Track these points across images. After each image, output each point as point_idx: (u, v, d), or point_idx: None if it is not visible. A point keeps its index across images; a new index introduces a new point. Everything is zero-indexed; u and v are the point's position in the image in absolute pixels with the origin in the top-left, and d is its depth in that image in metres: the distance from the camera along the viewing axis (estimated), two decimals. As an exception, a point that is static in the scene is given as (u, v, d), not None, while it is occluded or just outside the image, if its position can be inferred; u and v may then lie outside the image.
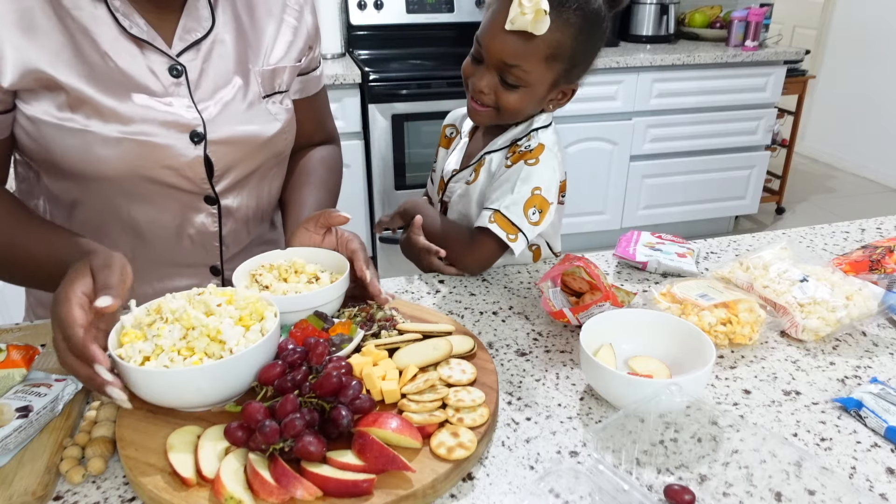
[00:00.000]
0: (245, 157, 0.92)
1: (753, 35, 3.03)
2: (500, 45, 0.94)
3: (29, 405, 0.66)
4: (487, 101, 0.99)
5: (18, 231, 0.79)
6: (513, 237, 1.00)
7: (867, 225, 1.24)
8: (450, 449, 0.63)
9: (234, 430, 0.62)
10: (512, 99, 0.98)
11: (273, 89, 0.95)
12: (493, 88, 0.98)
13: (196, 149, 0.86)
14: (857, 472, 0.65)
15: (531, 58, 0.94)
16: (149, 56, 0.83)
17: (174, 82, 0.85)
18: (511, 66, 0.95)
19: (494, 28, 0.94)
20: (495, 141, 1.08)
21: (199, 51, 0.87)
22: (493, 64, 0.96)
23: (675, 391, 0.65)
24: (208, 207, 0.92)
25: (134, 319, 0.70)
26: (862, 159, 4.43)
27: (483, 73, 0.97)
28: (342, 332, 0.77)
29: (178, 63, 0.85)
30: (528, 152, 1.03)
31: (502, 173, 1.04)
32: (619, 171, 3.09)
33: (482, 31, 0.97)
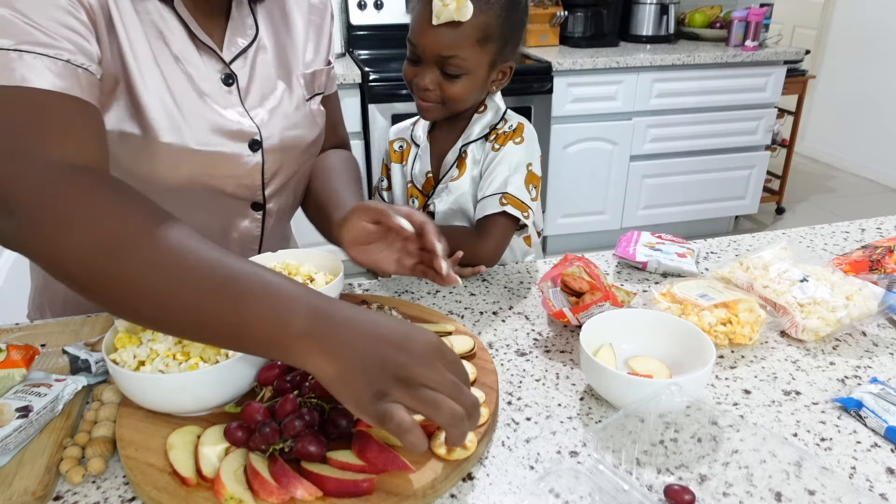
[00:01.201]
0: (292, 161, 0.93)
1: (753, 35, 3.03)
2: (432, 41, 0.97)
3: (29, 405, 0.66)
4: (433, 97, 1.02)
5: (211, 273, 0.57)
6: (525, 215, 1.04)
7: (867, 225, 1.24)
8: (450, 449, 0.63)
9: (233, 430, 0.62)
10: (456, 89, 1.01)
11: (314, 91, 0.96)
12: (437, 83, 1.01)
13: (255, 156, 0.87)
14: (857, 472, 0.65)
15: (464, 45, 0.97)
16: (207, 63, 0.82)
17: (227, 90, 0.84)
18: (448, 57, 0.98)
19: (423, 25, 0.97)
20: (469, 132, 1.10)
21: (246, 58, 0.86)
22: (431, 59, 0.99)
23: (675, 391, 0.65)
24: (254, 213, 0.93)
25: (128, 324, 0.70)
26: (862, 159, 4.43)
27: (423, 72, 1.01)
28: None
29: (232, 71, 0.84)
30: (513, 132, 1.08)
31: (493, 158, 1.07)
32: (619, 171, 3.09)
33: (412, 32, 1.00)
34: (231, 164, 0.85)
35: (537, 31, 3.08)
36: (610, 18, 3.17)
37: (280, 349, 0.56)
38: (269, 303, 0.56)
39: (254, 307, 0.55)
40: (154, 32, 0.78)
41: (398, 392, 0.54)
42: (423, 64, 1.01)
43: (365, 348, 0.54)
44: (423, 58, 1.00)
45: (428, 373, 0.54)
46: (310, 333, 0.55)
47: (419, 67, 1.02)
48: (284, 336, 0.55)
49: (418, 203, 1.15)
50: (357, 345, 0.55)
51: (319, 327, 0.55)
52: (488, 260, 1.05)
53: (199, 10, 0.81)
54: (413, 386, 0.54)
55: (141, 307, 0.58)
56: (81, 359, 0.76)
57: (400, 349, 0.55)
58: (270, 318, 0.55)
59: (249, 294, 0.56)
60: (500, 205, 1.03)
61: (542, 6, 3.07)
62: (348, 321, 0.56)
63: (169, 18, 0.78)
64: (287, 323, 0.55)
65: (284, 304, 0.56)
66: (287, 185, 0.95)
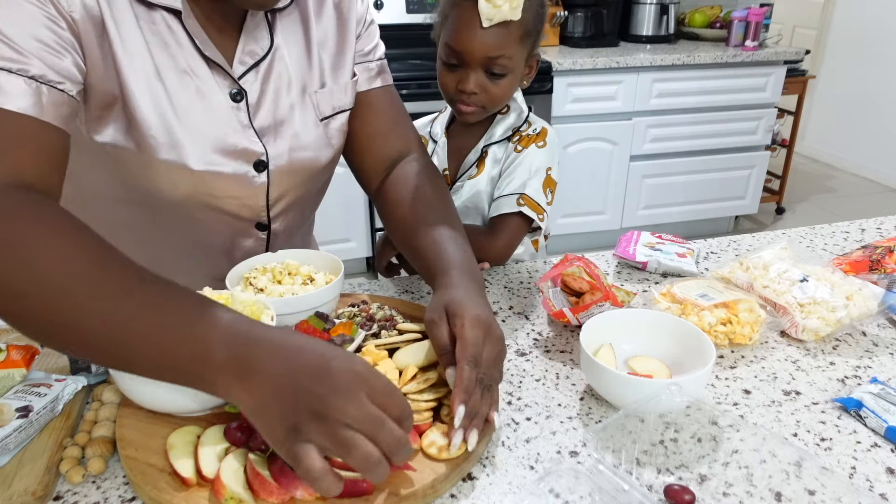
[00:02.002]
0: (300, 184, 0.89)
1: (753, 35, 3.03)
2: (480, 43, 0.97)
3: (29, 405, 0.66)
4: (479, 100, 1.02)
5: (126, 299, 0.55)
6: (541, 217, 1.07)
7: (867, 225, 1.24)
8: (440, 448, 0.63)
9: (233, 430, 0.62)
10: (500, 88, 1.02)
11: (332, 110, 0.89)
12: (482, 86, 1.01)
13: (260, 177, 0.84)
14: (857, 472, 0.65)
15: (511, 43, 0.98)
16: (216, 78, 0.78)
17: (235, 106, 0.80)
18: (495, 57, 0.98)
19: (469, 29, 0.97)
20: (492, 132, 1.10)
21: (257, 73, 0.81)
22: (477, 62, 0.99)
23: (675, 391, 0.65)
24: (258, 233, 0.90)
25: None
26: (862, 159, 4.43)
27: (467, 76, 1.00)
28: (343, 332, 0.77)
29: (241, 87, 0.80)
30: (536, 136, 1.09)
31: (514, 159, 1.08)
32: (619, 171, 3.09)
33: (454, 38, 0.98)
34: (233, 184, 0.82)
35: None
36: (610, 18, 3.17)
37: (203, 381, 0.54)
38: (188, 333, 0.53)
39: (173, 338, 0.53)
40: (160, 45, 0.74)
41: (312, 428, 0.50)
42: (464, 68, 1.00)
43: (281, 379, 0.51)
44: (469, 61, 0.99)
45: (345, 407, 0.50)
46: (230, 363, 0.52)
47: (460, 72, 1.01)
48: (206, 368, 0.53)
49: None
50: (274, 375, 0.52)
51: (240, 357, 0.53)
52: (497, 258, 1.06)
53: (212, 24, 0.77)
54: (328, 422, 0.50)
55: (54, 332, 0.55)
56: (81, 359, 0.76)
57: (318, 380, 0.51)
58: (190, 349, 0.53)
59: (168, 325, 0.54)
60: (516, 205, 1.04)
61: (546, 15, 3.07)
62: (270, 349, 0.53)
63: (177, 31, 0.75)
64: (208, 353, 0.53)
65: (205, 334, 0.53)
66: (294, 206, 0.92)
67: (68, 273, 0.55)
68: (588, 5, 3.10)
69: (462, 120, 1.09)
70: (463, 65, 1.00)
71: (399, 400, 0.54)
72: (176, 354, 0.54)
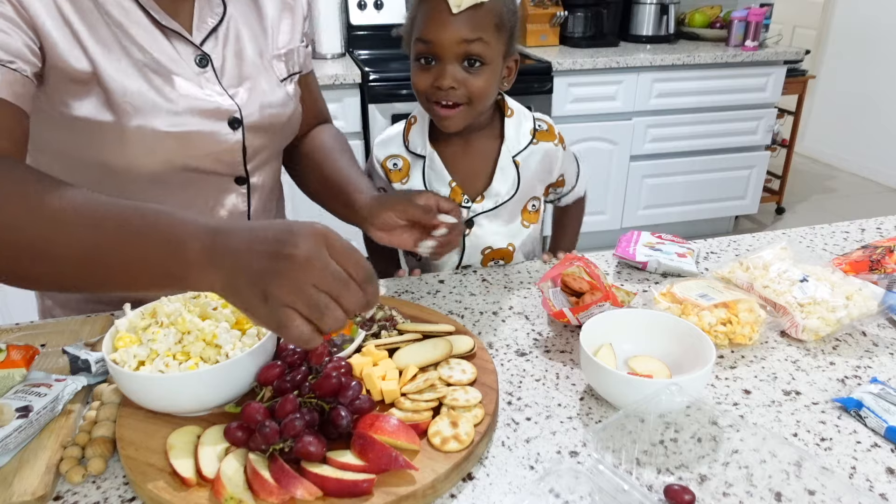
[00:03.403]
0: (272, 138, 0.95)
1: (753, 35, 3.03)
2: (452, 31, 0.94)
3: (29, 405, 0.66)
4: (458, 96, 0.97)
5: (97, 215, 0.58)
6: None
7: (867, 225, 1.24)
8: (444, 440, 0.63)
9: (233, 430, 0.62)
10: (480, 82, 0.97)
11: (289, 71, 0.96)
12: (460, 80, 0.96)
13: (235, 134, 0.88)
14: (857, 472, 0.65)
15: (485, 27, 0.95)
16: (177, 47, 0.83)
17: (201, 72, 0.85)
18: (472, 41, 0.95)
19: (440, 18, 0.94)
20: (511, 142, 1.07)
21: (217, 39, 0.87)
22: (452, 53, 0.95)
23: (675, 391, 0.65)
24: (238, 187, 0.93)
25: (128, 323, 0.70)
26: (862, 159, 4.43)
27: (443, 70, 0.96)
28: (343, 332, 0.77)
29: (204, 52, 0.85)
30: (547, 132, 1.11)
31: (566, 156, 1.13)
32: (619, 171, 3.09)
33: (425, 31, 0.96)
34: (208, 142, 0.85)
35: (537, 31, 3.08)
36: (610, 18, 3.17)
37: (176, 278, 0.55)
38: (163, 231, 0.55)
39: (147, 238, 0.55)
40: (114, 22, 0.77)
41: (282, 291, 0.51)
42: (440, 63, 0.96)
43: (246, 252, 0.53)
44: (442, 53, 0.96)
45: (308, 265, 0.51)
46: (200, 254, 0.54)
47: (435, 68, 0.97)
48: (181, 262, 0.54)
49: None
50: (240, 248, 0.53)
51: (207, 246, 0.54)
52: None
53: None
54: (295, 281, 0.51)
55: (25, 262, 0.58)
56: (81, 359, 0.76)
57: (280, 243, 0.52)
58: (165, 246, 0.55)
59: (143, 226, 0.56)
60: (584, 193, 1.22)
61: (542, 6, 3.07)
62: (236, 232, 0.55)
63: (129, 7, 0.78)
64: (182, 247, 0.54)
65: (179, 229, 0.55)
66: (269, 161, 0.97)
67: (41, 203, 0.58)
68: (588, 5, 3.10)
69: (442, 127, 1.01)
70: (437, 59, 0.96)
71: (360, 260, 0.55)
72: (148, 259, 0.55)
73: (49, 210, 0.58)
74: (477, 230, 1.09)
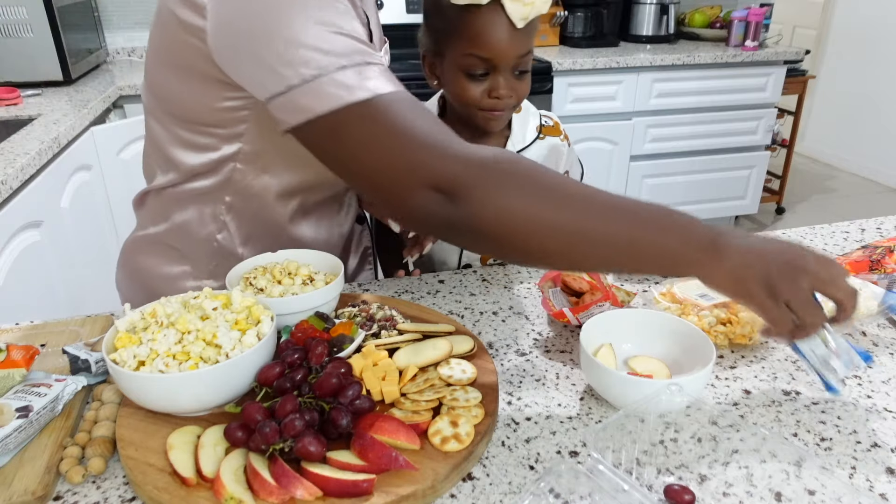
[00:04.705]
0: None
1: (753, 35, 3.03)
2: (516, 44, 0.93)
3: (29, 405, 0.66)
4: (510, 102, 0.98)
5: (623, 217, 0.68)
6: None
7: (867, 225, 1.24)
8: (444, 439, 0.63)
9: (233, 430, 0.62)
10: (526, 86, 0.99)
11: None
12: (513, 87, 0.97)
13: None
14: (857, 472, 0.65)
15: (534, 37, 0.96)
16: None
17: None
18: (526, 54, 0.96)
19: (502, 33, 0.91)
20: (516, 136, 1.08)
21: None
22: (509, 65, 0.95)
23: (675, 391, 0.65)
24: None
25: (128, 324, 0.70)
26: (862, 159, 4.43)
27: (498, 81, 0.95)
28: (343, 332, 0.77)
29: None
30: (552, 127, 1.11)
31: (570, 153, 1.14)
32: (619, 171, 3.09)
33: (485, 46, 0.92)
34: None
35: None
36: (610, 18, 3.17)
37: (685, 261, 0.65)
38: (680, 224, 0.66)
39: (670, 229, 0.65)
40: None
41: (788, 288, 0.63)
42: (495, 73, 0.95)
43: (758, 252, 0.64)
44: (501, 66, 0.94)
45: (816, 277, 0.63)
46: (711, 245, 0.64)
47: (490, 79, 0.95)
48: (695, 249, 0.64)
49: None
50: (750, 250, 0.64)
51: (717, 241, 0.64)
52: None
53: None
54: (800, 286, 0.63)
55: (578, 245, 0.66)
56: (81, 359, 0.76)
57: (800, 257, 0.64)
58: (683, 236, 0.65)
59: (665, 221, 0.66)
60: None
61: (542, 6, 3.07)
62: (738, 237, 0.65)
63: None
64: (695, 238, 0.65)
65: (690, 225, 0.66)
66: None
67: (584, 195, 0.68)
68: (588, 5, 3.10)
69: (487, 128, 1.02)
70: (492, 70, 0.95)
71: (849, 289, 0.65)
72: (669, 246, 0.65)
73: (580, 198, 0.67)
74: None
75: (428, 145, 0.65)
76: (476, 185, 0.64)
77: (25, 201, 1.53)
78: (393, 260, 1.19)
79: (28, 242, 1.54)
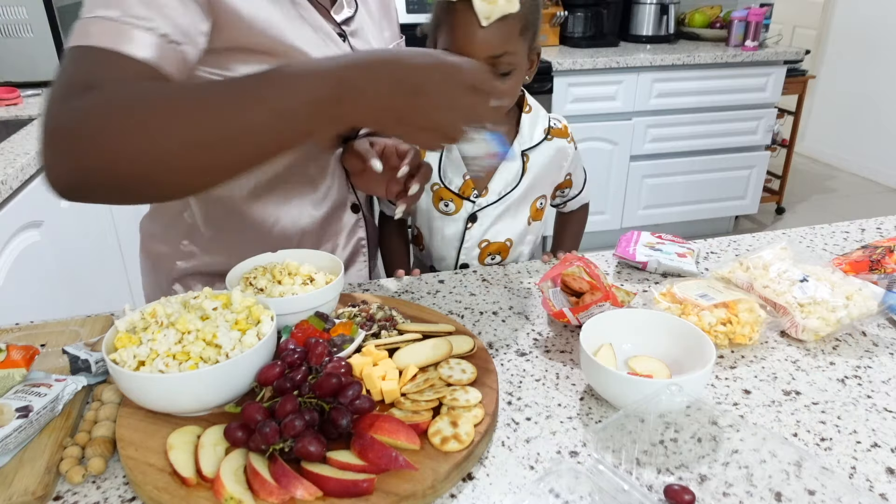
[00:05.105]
0: None
1: (753, 35, 3.03)
2: (482, 43, 0.94)
3: (29, 405, 0.66)
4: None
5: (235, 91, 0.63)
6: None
7: (867, 225, 1.24)
8: (444, 439, 0.63)
9: (233, 430, 0.62)
10: (508, 87, 0.99)
11: None
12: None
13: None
14: (857, 472, 0.65)
15: (512, 38, 0.95)
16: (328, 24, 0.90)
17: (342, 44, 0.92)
18: (499, 56, 0.95)
19: (467, 31, 0.93)
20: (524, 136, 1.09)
21: (350, 28, 0.95)
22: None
23: (675, 391, 0.65)
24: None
25: (128, 324, 0.70)
26: (862, 159, 4.43)
27: None
28: (343, 332, 0.77)
29: (343, 31, 0.93)
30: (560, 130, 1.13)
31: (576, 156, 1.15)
32: (619, 171, 3.09)
33: (454, 43, 0.95)
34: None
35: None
36: (610, 18, 3.17)
37: (317, 117, 0.62)
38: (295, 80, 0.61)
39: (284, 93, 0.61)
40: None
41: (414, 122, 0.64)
42: None
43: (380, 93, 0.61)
44: None
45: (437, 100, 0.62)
46: (333, 92, 0.61)
47: None
48: (317, 105, 0.61)
49: (454, 207, 1.11)
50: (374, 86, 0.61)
51: (339, 86, 0.61)
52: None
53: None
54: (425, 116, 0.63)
55: (179, 133, 0.60)
56: (81, 359, 0.76)
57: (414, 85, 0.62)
58: (301, 97, 0.60)
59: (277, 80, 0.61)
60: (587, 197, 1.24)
61: (542, 5, 3.07)
62: (358, 64, 0.62)
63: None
64: (312, 93, 0.61)
65: (298, 80, 0.61)
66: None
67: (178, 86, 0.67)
68: (588, 5, 3.10)
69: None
70: None
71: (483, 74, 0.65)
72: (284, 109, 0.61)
73: (181, 107, 0.61)
74: (483, 223, 1.10)
75: (53, 95, 0.63)
76: (82, 136, 0.60)
77: (25, 201, 1.53)
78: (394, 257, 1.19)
79: (28, 242, 1.54)
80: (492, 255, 1.12)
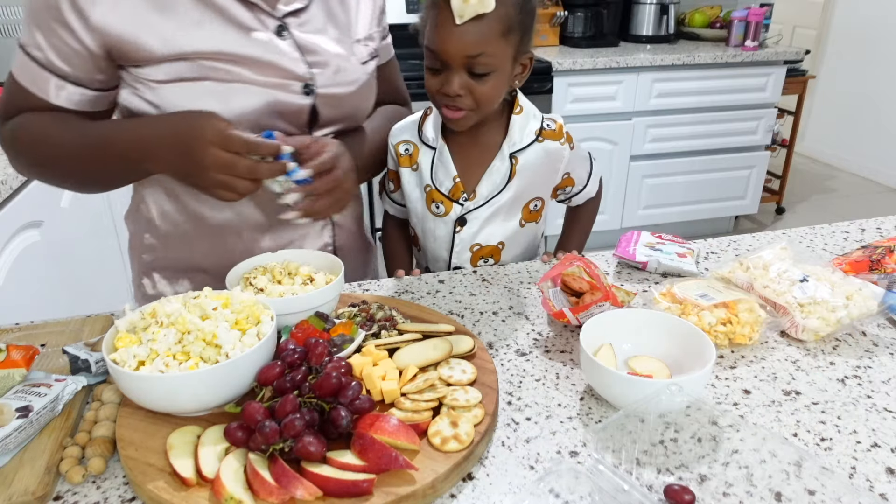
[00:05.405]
0: (346, 115, 1.01)
1: (753, 35, 3.03)
2: (457, 42, 0.93)
3: (29, 405, 0.66)
4: (465, 102, 0.97)
5: (82, 126, 0.88)
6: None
7: (867, 225, 1.24)
8: (444, 440, 0.63)
9: (233, 430, 0.62)
10: (486, 89, 0.97)
11: (369, 56, 1.02)
12: (466, 87, 0.96)
13: (307, 99, 0.94)
14: (857, 472, 0.65)
15: (490, 39, 0.93)
16: (260, 18, 0.89)
17: (283, 42, 0.91)
18: (475, 56, 0.94)
19: (443, 28, 0.93)
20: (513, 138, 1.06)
21: (298, 19, 0.93)
22: (458, 63, 0.95)
23: (675, 391, 0.65)
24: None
25: (128, 324, 0.70)
26: (862, 159, 4.43)
27: (450, 78, 0.96)
28: (343, 332, 0.77)
29: (285, 25, 0.91)
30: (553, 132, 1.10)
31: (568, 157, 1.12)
32: (619, 171, 3.09)
33: (431, 39, 0.95)
34: (281, 103, 0.91)
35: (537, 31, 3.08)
36: (610, 18, 3.17)
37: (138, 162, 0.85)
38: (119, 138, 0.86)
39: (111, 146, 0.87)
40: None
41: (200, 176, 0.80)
42: (447, 70, 0.96)
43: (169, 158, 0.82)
44: (449, 63, 0.95)
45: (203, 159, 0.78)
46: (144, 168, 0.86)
47: (443, 75, 0.97)
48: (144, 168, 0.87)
49: (444, 209, 1.09)
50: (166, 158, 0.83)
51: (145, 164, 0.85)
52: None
53: None
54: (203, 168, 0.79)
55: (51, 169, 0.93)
56: (81, 359, 0.76)
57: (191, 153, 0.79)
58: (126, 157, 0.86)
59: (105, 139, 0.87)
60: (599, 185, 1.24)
61: (542, 6, 3.07)
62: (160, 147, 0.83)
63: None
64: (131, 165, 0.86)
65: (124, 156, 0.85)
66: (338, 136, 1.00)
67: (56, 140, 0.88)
68: (588, 5, 3.10)
69: (450, 126, 1.03)
70: (444, 67, 0.96)
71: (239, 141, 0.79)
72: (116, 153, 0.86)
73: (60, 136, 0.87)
74: (472, 226, 1.09)
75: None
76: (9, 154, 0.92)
77: (25, 201, 1.53)
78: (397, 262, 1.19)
79: (28, 242, 1.54)
80: (484, 259, 1.11)
